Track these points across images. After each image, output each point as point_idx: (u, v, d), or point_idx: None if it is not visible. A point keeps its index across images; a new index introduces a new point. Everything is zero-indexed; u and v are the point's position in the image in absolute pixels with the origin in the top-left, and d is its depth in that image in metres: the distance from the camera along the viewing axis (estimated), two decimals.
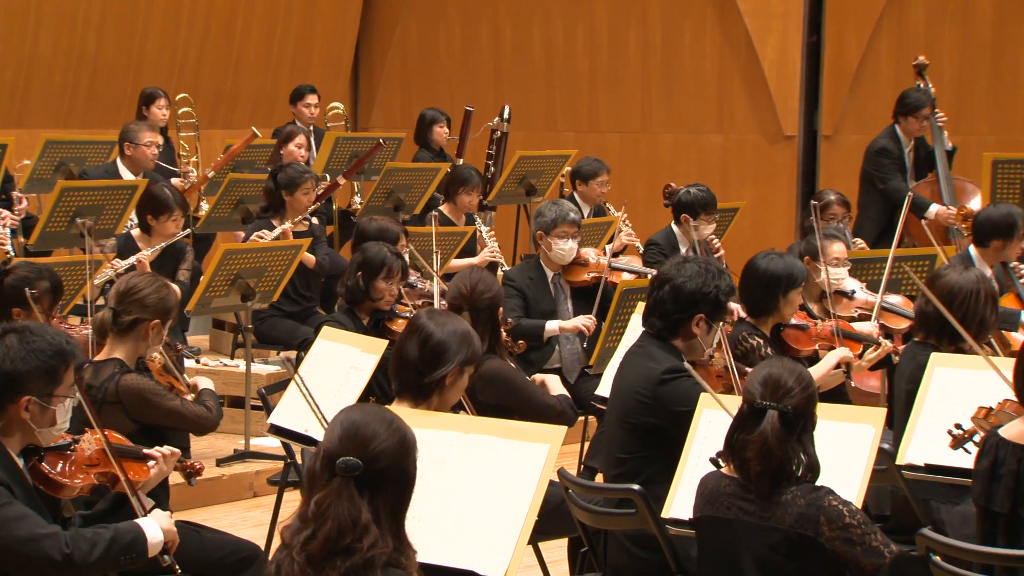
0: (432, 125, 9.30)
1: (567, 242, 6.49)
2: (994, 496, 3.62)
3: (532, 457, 3.34)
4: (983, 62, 9.80)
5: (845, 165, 9.36)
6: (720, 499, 3.43)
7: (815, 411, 3.42)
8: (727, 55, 10.34)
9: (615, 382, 4.42)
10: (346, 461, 2.58)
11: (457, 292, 4.77)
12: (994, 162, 7.90)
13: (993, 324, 4.76)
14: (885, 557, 3.25)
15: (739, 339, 5.07)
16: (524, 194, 8.71)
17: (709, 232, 7.26)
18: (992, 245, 6.29)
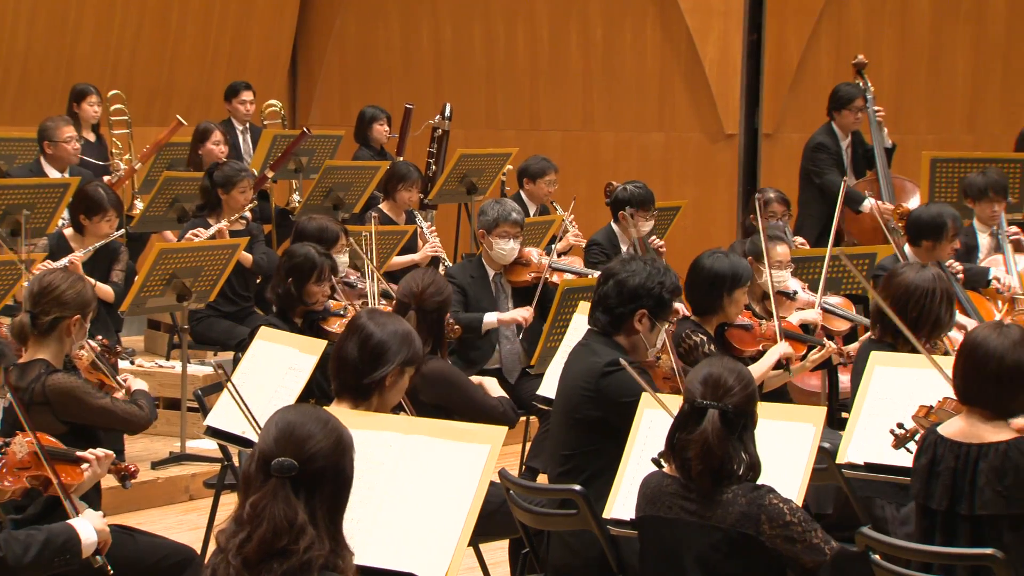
0: (372, 123, 9.27)
1: (508, 242, 6.50)
2: (932, 493, 3.67)
3: (472, 458, 3.34)
4: (921, 61, 9.93)
5: (786, 163, 9.45)
6: (661, 499, 3.45)
7: (755, 410, 3.45)
8: (668, 53, 10.41)
9: (561, 380, 4.45)
10: (281, 462, 2.57)
11: (407, 290, 4.76)
12: (932, 161, 8.00)
13: (948, 323, 4.81)
14: (826, 554, 3.29)
15: (682, 336, 5.11)
16: (465, 193, 8.71)
17: (647, 229, 7.30)
18: (923, 245, 6.37)
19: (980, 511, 3.58)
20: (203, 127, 8.49)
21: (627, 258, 4.44)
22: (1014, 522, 3.57)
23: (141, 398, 4.52)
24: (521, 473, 6.03)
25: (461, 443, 3.39)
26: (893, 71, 9.90)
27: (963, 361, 3.69)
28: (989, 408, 3.64)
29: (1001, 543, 3.53)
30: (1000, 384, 3.61)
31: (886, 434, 4.11)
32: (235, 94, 9.33)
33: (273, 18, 11.22)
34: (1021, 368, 3.61)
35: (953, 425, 3.71)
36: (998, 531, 3.57)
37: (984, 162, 7.77)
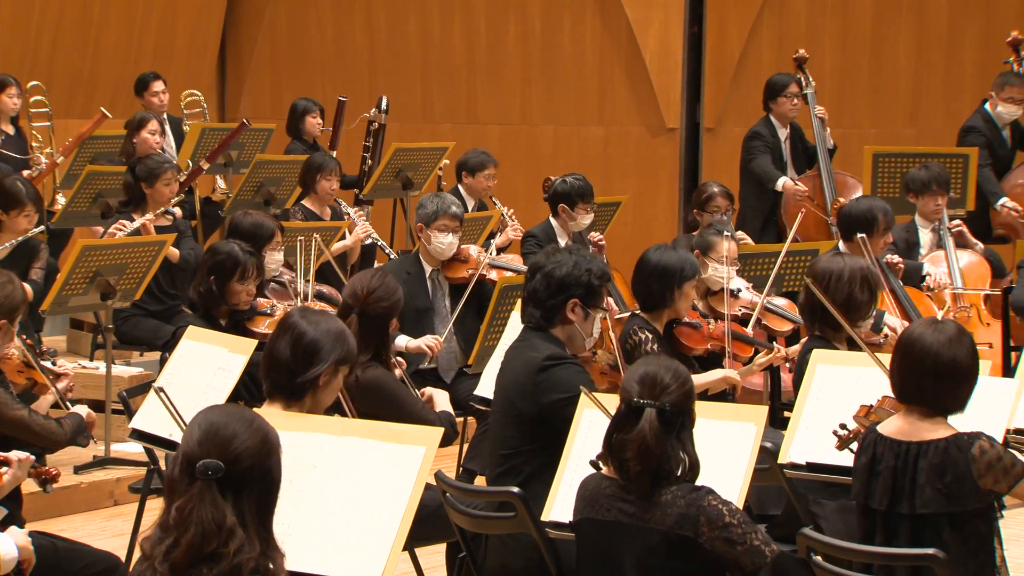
0: (304, 116, 9.23)
1: (447, 236, 6.48)
2: (872, 493, 3.71)
3: (407, 460, 3.34)
4: (863, 55, 10.04)
5: (727, 158, 9.52)
6: (599, 500, 3.46)
7: (693, 408, 3.47)
8: (608, 46, 10.44)
9: (498, 378, 4.46)
10: (207, 463, 2.55)
11: (351, 292, 4.70)
12: (874, 155, 8.10)
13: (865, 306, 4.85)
14: (766, 557, 3.31)
15: (630, 332, 5.13)
16: (401, 188, 8.69)
17: (587, 223, 7.32)
18: (855, 240, 6.46)
19: (921, 510, 3.63)
20: (139, 116, 8.41)
21: (551, 250, 4.46)
22: (955, 520, 3.62)
23: (69, 419, 4.45)
24: (458, 475, 6.03)
25: (396, 445, 3.38)
26: (835, 65, 10.00)
27: (899, 358, 3.73)
28: (927, 405, 3.69)
29: (941, 542, 3.58)
30: (937, 381, 3.66)
31: (828, 433, 4.15)
32: (145, 87, 9.21)
33: (200, 7, 11.12)
34: (957, 365, 3.66)
35: (892, 423, 3.75)
36: (938, 530, 3.62)
37: (926, 157, 7.87)
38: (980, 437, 3.63)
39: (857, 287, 4.78)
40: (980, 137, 8.15)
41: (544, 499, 3.91)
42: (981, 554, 3.65)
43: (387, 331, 4.68)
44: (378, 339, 4.64)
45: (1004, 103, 8.22)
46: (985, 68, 9.24)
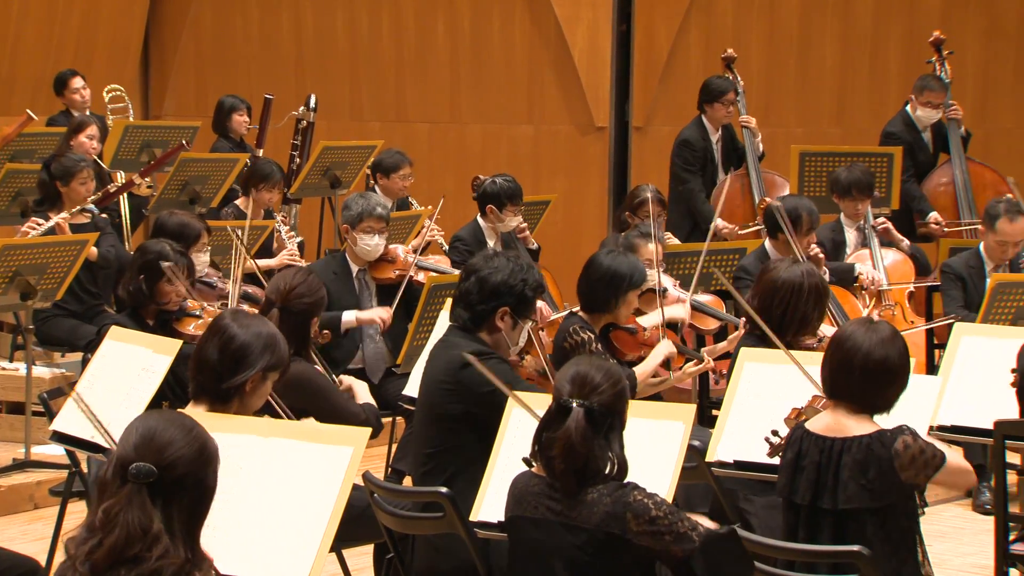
0: (231, 113, 9.16)
1: (373, 237, 6.47)
2: (796, 488, 3.77)
3: (334, 460, 3.33)
4: (790, 54, 10.15)
5: (657, 157, 9.58)
6: (527, 499, 3.48)
7: (625, 409, 3.49)
8: (537, 44, 10.47)
9: (423, 378, 4.46)
10: (139, 467, 2.54)
11: (275, 287, 4.71)
12: (801, 155, 8.18)
13: (816, 321, 4.92)
14: (694, 541, 3.34)
15: (570, 331, 5.15)
16: (328, 186, 8.66)
17: (516, 224, 7.33)
18: (780, 238, 6.53)
19: (844, 505, 3.68)
20: (79, 120, 8.36)
21: (490, 254, 4.47)
22: (878, 516, 3.68)
23: None
24: (387, 476, 6.02)
25: (323, 445, 3.38)
26: (762, 64, 10.10)
27: (831, 355, 3.79)
28: (855, 402, 3.75)
29: (864, 538, 3.64)
30: (866, 379, 3.72)
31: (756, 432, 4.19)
32: (64, 84, 9.09)
33: (123, 2, 11.00)
34: (888, 364, 3.72)
35: (820, 420, 3.81)
36: (861, 525, 3.68)
37: (852, 156, 7.97)
38: (903, 432, 3.69)
39: (812, 304, 4.85)
40: (899, 142, 8.26)
41: (470, 498, 3.92)
42: (903, 549, 3.71)
43: (309, 328, 4.66)
44: (300, 336, 4.63)
45: (923, 107, 8.33)
46: (909, 68, 9.38)
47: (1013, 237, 6.61)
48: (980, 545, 5.61)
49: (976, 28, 9.92)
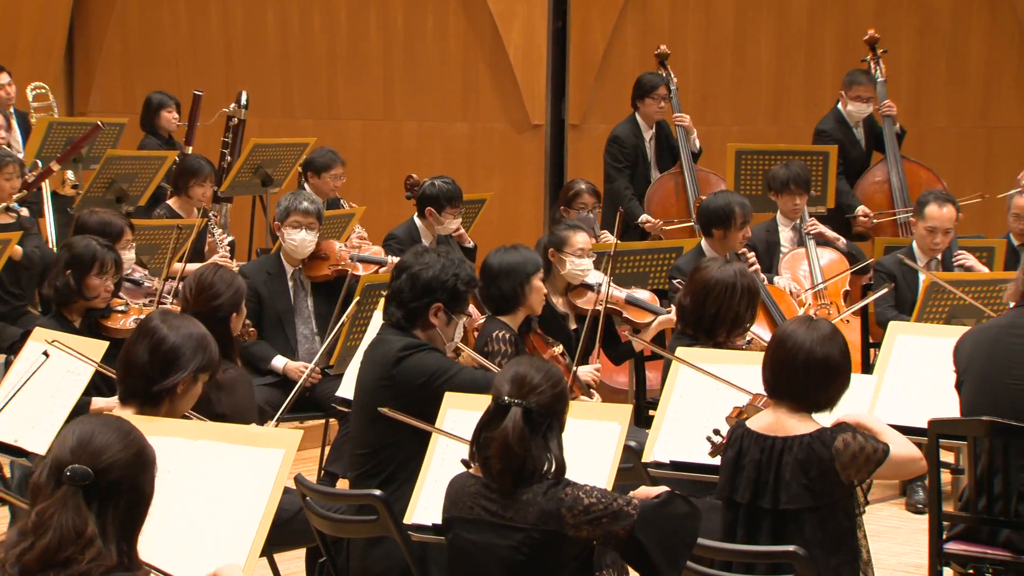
0: (160, 110, 9.07)
1: (300, 231, 6.42)
2: (736, 486, 3.79)
3: (266, 463, 3.31)
4: (726, 51, 10.23)
5: (593, 154, 9.60)
6: (463, 499, 3.48)
7: (564, 410, 3.50)
8: (471, 40, 10.47)
9: (358, 378, 4.45)
10: (74, 469, 2.54)
11: (182, 291, 4.69)
12: (737, 153, 8.24)
13: (749, 320, 4.97)
14: (632, 515, 3.35)
15: (486, 339, 5.17)
16: (260, 185, 8.60)
17: (455, 227, 7.32)
18: (714, 234, 6.59)
19: (786, 505, 3.71)
20: None
21: (420, 250, 4.47)
22: (817, 515, 3.71)
23: None
24: (320, 479, 5.99)
25: (253, 448, 3.35)
26: (698, 62, 10.17)
27: (772, 354, 3.83)
28: (796, 401, 3.78)
29: (803, 538, 3.67)
30: (808, 377, 3.76)
31: (693, 432, 4.22)
32: None
33: None
34: (829, 362, 3.76)
35: (761, 419, 3.84)
36: (800, 525, 3.71)
37: (788, 154, 8.04)
38: (843, 430, 3.73)
39: (745, 304, 4.89)
40: (831, 140, 8.33)
41: (405, 500, 3.91)
42: (843, 549, 3.75)
43: (228, 327, 4.62)
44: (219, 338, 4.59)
45: (853, 101, 8.40)
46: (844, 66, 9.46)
47: (942, 223, 6.70)
48: (915, 544, 5.68)
49: (909, 27, 10.06)
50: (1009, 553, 4.23)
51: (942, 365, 4.47)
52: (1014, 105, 10.15)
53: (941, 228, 6.71)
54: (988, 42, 10.11)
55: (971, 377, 4.32)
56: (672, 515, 3.40)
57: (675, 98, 8.70)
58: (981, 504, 4.21)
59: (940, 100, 10.18)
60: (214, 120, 9.24)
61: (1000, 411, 4.17)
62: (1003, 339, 4.28)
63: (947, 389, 4.43)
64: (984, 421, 4.17)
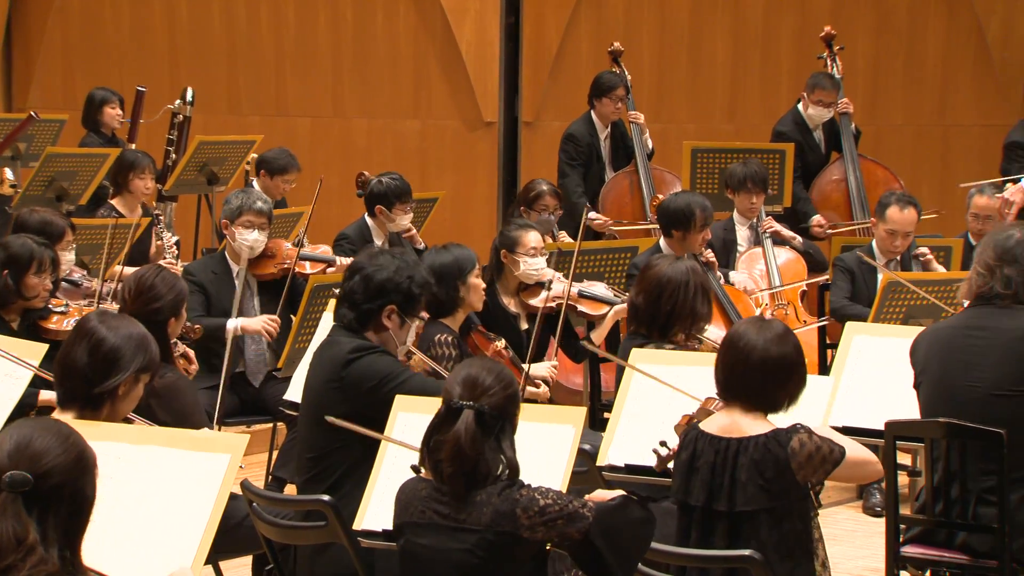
0: (102, 106, 9.00)
1: (252, 232, 6.40)
2: (691, 489, 3.81)
3: (211, 468, 3.30)
4: (681, 48, 10.27)
5: (547, 152, 9.62)
6: (414, 504, 3.47)
7: (516, 412, 3.50)
8: (423, 36, 10.45)
9: (307, 380, 4.44)
10: (13, 475, 2.51)
11: (120, 293, 4.66)
12: (693, 151, 8.26)
13: (706, 316, 4.99)
14: (588, 518, 3.36)
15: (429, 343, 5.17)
16: (206, 183, 8.55)
17: (406, 223, 7.31)
18: (674, 235, 6.60)
19: (742, 507, 3.73)
20: None
21: (375, 251, 4.47)
22: (772, 517, 3.73)
23: None
24: (267, 484, 5.97)
25: (198, 453, 3.34)
26: (653, 58, 10.20)
27: (725, 355, 3.85)
28: (750, 401, 3.80)
29: (758, 540, 3.69)
30: (762, 378, 3.78)
31: (648, 435, 4.22)
32: None
33: None
34: (783, 362, 3.78)
35: (715, 421, 3.86)
36: (756, 527, 3.73)
37: (744, 152, 8.07)
38: (798, 431, 3.75)
39: (700, 299, 4.91)
40: (789, 142, 8.37)
41: (354, 504, 3.90)
42: (798, 552, 3.77)
43: (165, 331, 4.59)
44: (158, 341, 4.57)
45: (814, 105, 8.44)
46: (800, 63, 9.54)
47: (903, 227, 6.74)
48: (872, 548, 5.72)
49: (866, 24, 10.14)
50: (966, 556, 4.27)
51: (899, 366, 4.50)
52: (970, 103, 10.26)
53: (901, 231, 6.75)
54: (945, 39, 10.21)
55: (928, 379, 4.35)
56: (627, 519, 3.42)
57: (630, 96, 8.72)
58: (938, 507, 4.24)
59: (897, 98, 10.27)
60: (158, 117, 9.18)
61: (957, 413, 4.20)
62: (958, 340, 4.31)
63: (905, 390, 4.47)
64: (941, 423, 4.21)
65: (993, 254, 4.29)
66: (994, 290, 4.27)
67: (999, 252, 4.28)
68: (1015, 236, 4.30)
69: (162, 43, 10.89)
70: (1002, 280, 4.26)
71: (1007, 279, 4.26)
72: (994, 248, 4.30)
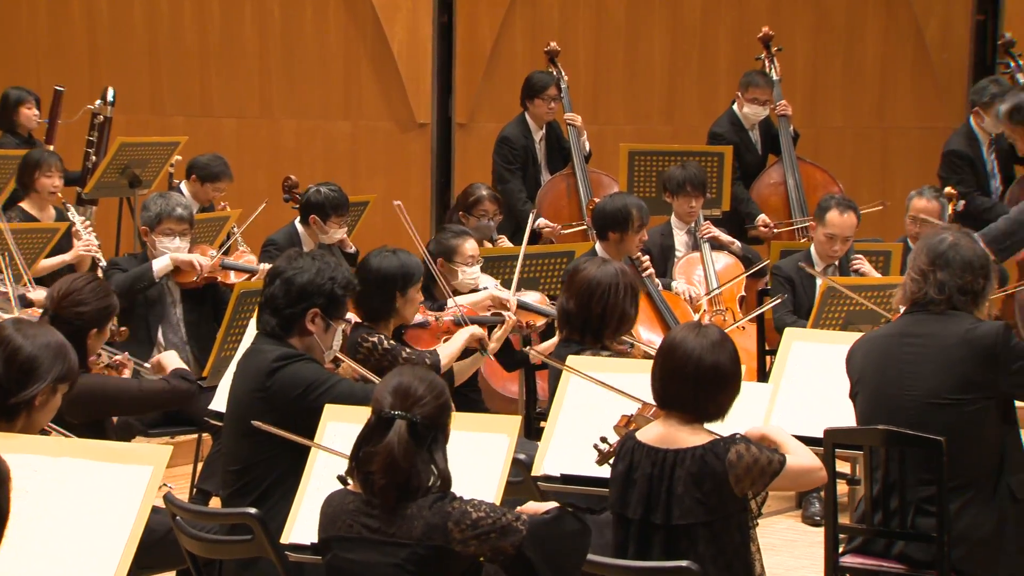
0: (18, 106, 8.89)
1: (174, 240, 6.37)
2: (628, 502, 3.82)
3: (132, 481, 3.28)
4: (618, 47, 10.32)
5: (481, 154, 9.63)
6: (342, 517, 3.47)
7: (448, 422, 3.51)
8: (353, 34, 10.43)
9: (232, 390, 4.42)
10: None
11: (48, 294, 4.65)
12: (630, 153, 8.31)
13: (633, 317, 5.02)
14: (521, 531, 3.37)
15: (358, 341, 5.15)
16: (127, 186, 8.48)
17: (339, 237, 7.26)
18: (610, 238, 6.64)
19: (678, 521, 3.74)
20: None
21: (294, 254, 4.45)
22: (710, 530, 3.75)
23: None
24: (191, 497, 5.93)
25: (119, 465, 3.32)
26: (589, 58, 10.24)
27: (662, 363, 3.86)
28: (687, 411, 3.82)
29: (696, 553, 3.71)
30: (698, 386, 3.79)
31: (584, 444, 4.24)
32: None
33: None
34: (720, 370, 3.80)
35: (652, 430, 3.87)
36: (693, 541, 3.75)
37: (683, 155, 8.13)
38: (736, 441, 3.77)
39: (630, 301, 4.94)
40: (725, 143, 8.44)
41: (283, 519, 3.89)
42: (736, 565, 3.79)
43: (84, 339, 4.55)
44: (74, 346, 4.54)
45: (749, 104, 8.51)
46: (738, 63, 9.60)
47: (842, 231, 6.82)
48: (811, 558, 5.77)
49: (804, 24, 10.25)
50: (904, 566, 4.31)
51: (839, 372, 4.54)
52: (910, 106, 10.40)
53: (841, 236, 6.82)
54: (883, 40, 10.34)
55: (865, 388, 4.39)
56: (562, 532, 3.43)
57: (566, 97, 8.75)
58: (877, 517, 4.29)
59: (836, 100, 10.39)
60: (78, 117, 9.08)
61: (895, 422, 4.25)
62: (894, 348, 4.35)
63: (844, 397, 4.51)
64: (880, 430, 4.25)
65: (926, 259, 4.33)
66: (928, 296, 4.32)
67: (932, 257, 4.32)
68: (948, 240, 4.35)
69: (81, 41, 10.78)
70: (936, 286, 4.31)
71: (941, 284, 4.30)
72: (927, 253, 4.34)
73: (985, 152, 8.33)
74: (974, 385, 4.21)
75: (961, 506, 4.19)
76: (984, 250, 4.41)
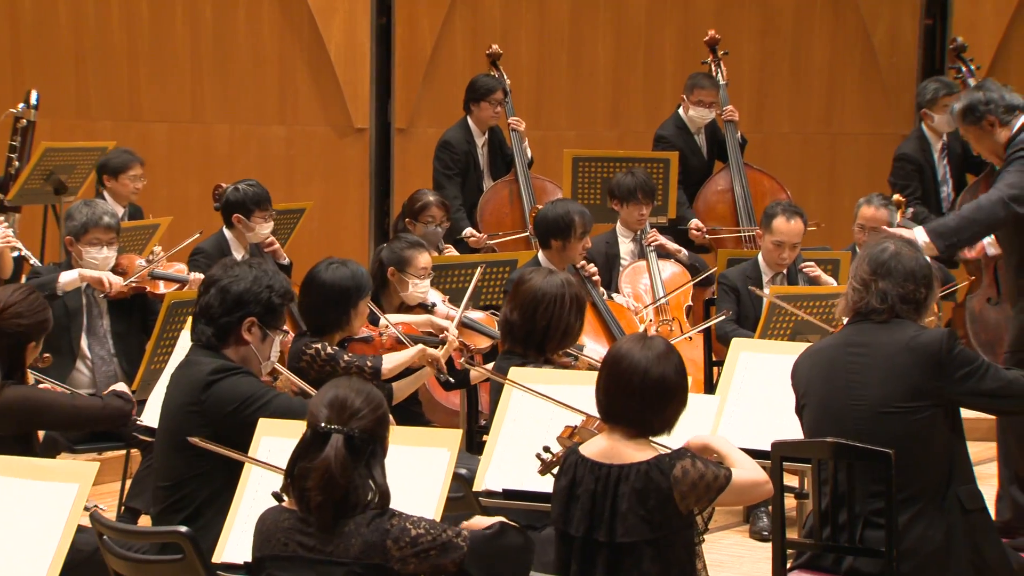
0: None
1: (101, 250, 6.33)
2: (570, 518, 3.83)
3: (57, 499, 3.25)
4: (561, 50, 10.35)
5: (421, 160, 9.63)
6: (277, 535, 3.46)
7: (387, 435, 3.51)
8: (288, 36, 10.40)
9: (164, 403, 4.41)
10: None
11: None
12: (575, 159, 8.33)
13: (578, 330, 5.04)
14: (462, 548, 3.39)
15: (302, 349, 5.14)
16: (52, 192, 8.41)
17: (266, 232, 7.24)
18: (553, 245, 6.66)
19: (622, 538, 3.75)
20: None
21: (230, 262, 4.45)
22: (655, 547, 3.76)
23: None
24: (119, 515, 5.89)
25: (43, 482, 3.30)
26: (532, 61, 10.27)
27: (606, 376, 3.87)
28: (632, 425, 3.83)
29: (640, 571, 3.72)
30: (643, 399, 3.81)
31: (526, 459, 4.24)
32: None
33: None
34: (665, 383, 3.81)
35: (595, 444, 3.88)
36: (638, 558, 3.76)
37: (627, 161, 8.16)
38: (682, 456, 3.78)
39: (575, 314, 4.95)
40: (670, 146, 8.48)
41: (215, 537, 3.87)
42: None
43: (23, 352, 4.56)
44: (13, 358, 4.52)
45: (695, 106, 8.57)
46: (684, 67, 9.66)
47: (789, 238, 6.87)
48: (759, 574, 5.80)
49: (751, 27, 10.33)
50: None
51: (787, 384, 4.57)
52: (858, 111, 10.51)
53: (788, 243, 6.88)
54: (831, 44, 10.45)
55: (811, 401, 4.42)
56: (505, 547, 3.43)
57: (509, 101, 8.76)
58: (826, 531, 4.31)
59: (783, 105, 10.47)
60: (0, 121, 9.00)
61: (845, 432, 4.28)
62: (840, 359, 4.38)
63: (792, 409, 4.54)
64: (828, 443, 4.28)
65: (868, 268, 4.38)
66: (870, 305, 4.35)
67: (874, 266, 4.37)
68: (889, 249, 4.39)
69: (3, 42, 10.68)
70: (878, 295, 4.34)
71: (883, 293, 4.34)
72: (869, 262, 4.38)
73: (936, 157, 8.43)
74: (922, 393, 4.25)
75: (911, 518, 4.23)
76: (927, 260, 4.46)
